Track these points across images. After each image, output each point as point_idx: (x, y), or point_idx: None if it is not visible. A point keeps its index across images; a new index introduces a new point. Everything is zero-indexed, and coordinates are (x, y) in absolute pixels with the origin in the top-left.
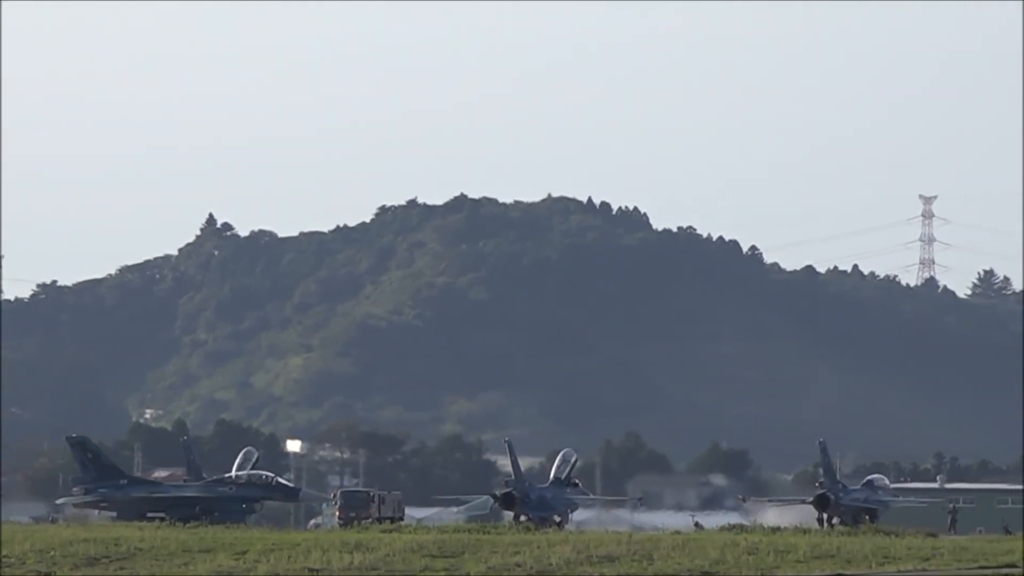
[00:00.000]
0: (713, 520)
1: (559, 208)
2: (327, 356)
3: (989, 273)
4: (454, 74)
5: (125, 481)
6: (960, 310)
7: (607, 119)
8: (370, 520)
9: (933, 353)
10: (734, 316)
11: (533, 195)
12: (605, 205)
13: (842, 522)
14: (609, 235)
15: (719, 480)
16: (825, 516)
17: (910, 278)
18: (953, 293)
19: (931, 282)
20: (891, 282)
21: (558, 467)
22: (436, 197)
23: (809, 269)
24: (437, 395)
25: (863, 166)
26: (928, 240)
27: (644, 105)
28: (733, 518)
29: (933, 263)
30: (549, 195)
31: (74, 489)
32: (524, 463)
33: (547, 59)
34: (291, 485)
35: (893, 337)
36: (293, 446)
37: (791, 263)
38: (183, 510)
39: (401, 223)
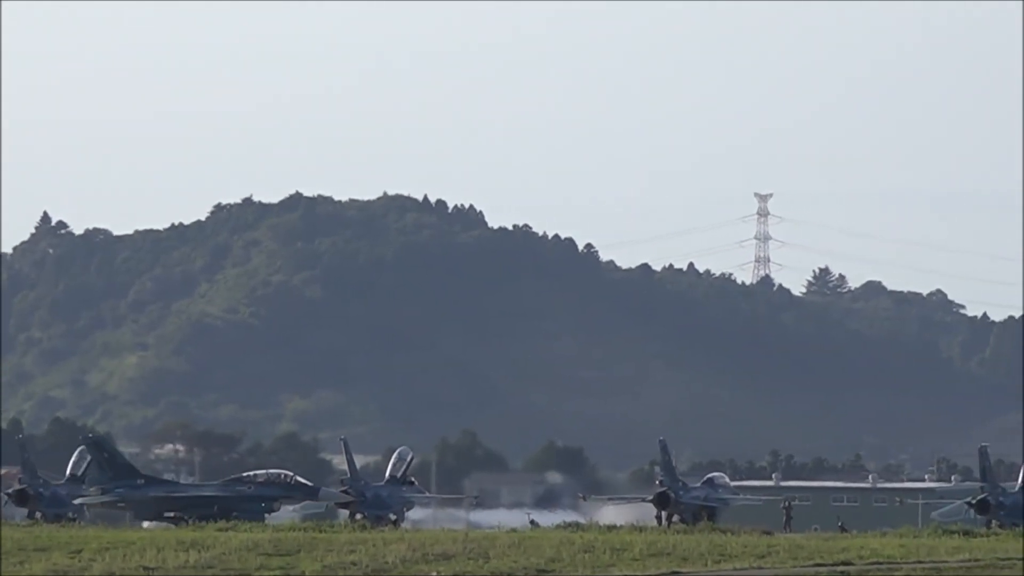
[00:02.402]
0: (549, 518)
1: (394, 206)
2: (162, 354)
3: (824, 271)
4: (288, 72)
5: (142, 481)
6: (795, 308)
7: (441, 117)
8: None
9: (769, 351)
10: (570, 314)
11: (368, 193)
12: (441, 203)
13: (682, 520)
14: (445, 233)
15: (555, 478)
16: (664, 514)
17: (745, 276)
18: (788, 291)
19: (766, 280)
20: (727, 280)
21: (394, 465)
22: (271, 195)
23: (645, 267)
24: (273, 393)
25: (698, 163)
26: (763, 238)
27: (479, 103)
28: (569, 516)
29: (768, 261)
30: (384, 193)
31: (91, 489)
32: (360, 461)
33: (382, 57)
34: (310, 484)
35: (729, 335)
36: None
37: (627, 261)
38: (201, 510)
39: (236, 221)
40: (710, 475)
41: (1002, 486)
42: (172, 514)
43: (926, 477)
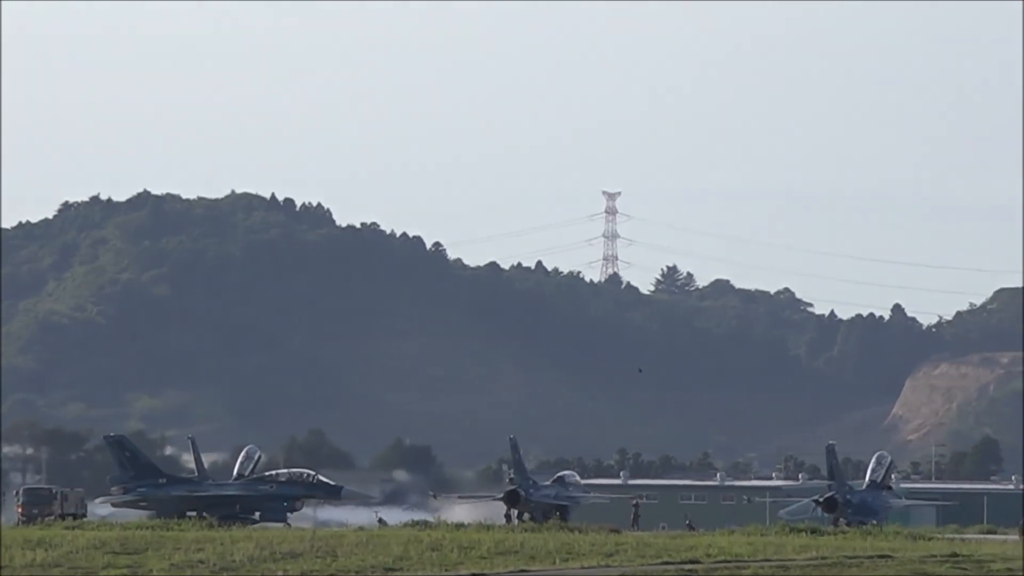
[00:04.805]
0: (397, 516)
1: (242, 204)
2: (9, 353)
3: (672, 269)
4: (135, 71)
5: (164, 480)
6: (643, 306)
7: (288, 114)
8: (53, 517)
9: (617, 349)
10: (418, 312)
11: (216, 191)
12: (288, 201)
13: (532, 518)
14: (293, 231)
15: (402, 476)
16: (515, 512)
17: (594, 274)
18: (636, 289)
19: (614, 278)
20: (575, 278)
21: (241, 464)
22: (119, 193)
23: (493, 265)
24: (120, 392)
25: (546, 161)
26: (611, 236)
27: (326, 100)
28: (417, 514)
29: (616, 259)
30: (232, 191)
31: (113, 488)
32: (207, 460)
33: (228, 56)
34: (332, 483)
35: (577, 334)
36: None
37: (475, 259)
38: (223, 509)
39: (84, 220)
40: (560, 473)
41: (849, 484)
42: (194, 513)
43: (773, 475)
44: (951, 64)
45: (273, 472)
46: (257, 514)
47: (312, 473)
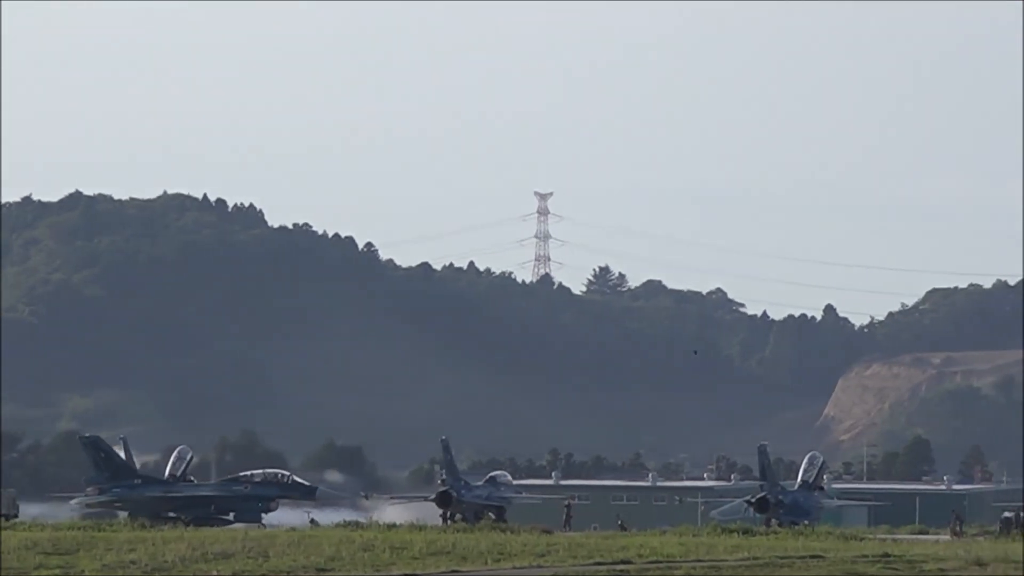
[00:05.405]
0: (328, 517)
1: (174, 205)
2: None
3: (604, 270)
4: (65, 71)
5: (139, 481)
6: (575, 307)
7: (221, 116)
8: None
9: (549, 350)
10: (350, 313)
11: (148, 192)
12: (221, 202)
13: (464, 519)
14: (225, 232)
15: (334, 477)
16: (448, 513)
17: (525, 275)
18: (568, 290)
19: (546, 279)
20: (506, 279)
21: (173, 464)
22: (51, 194)
23: (425, 266)
24: (52, 392)
25: (479, 161)
26: (543, 237)
27: (258, 101)
28: (348, 515)
29: (548, 260)
30: (165, 192)
31: (88, 489)
32: (139, 460)
33: (160, 56)
34: (307, 484)
35: (509, 334)
36: None
37: (407, 260)
38: (198, 510)
39: (16, 220)
40: (492, 474)
41: (781, 484)
42: (170, 514)
43: (705, 476)
44: (880, 63)
45: (248, 473)
46: (232, 515)
47: (287, 474)
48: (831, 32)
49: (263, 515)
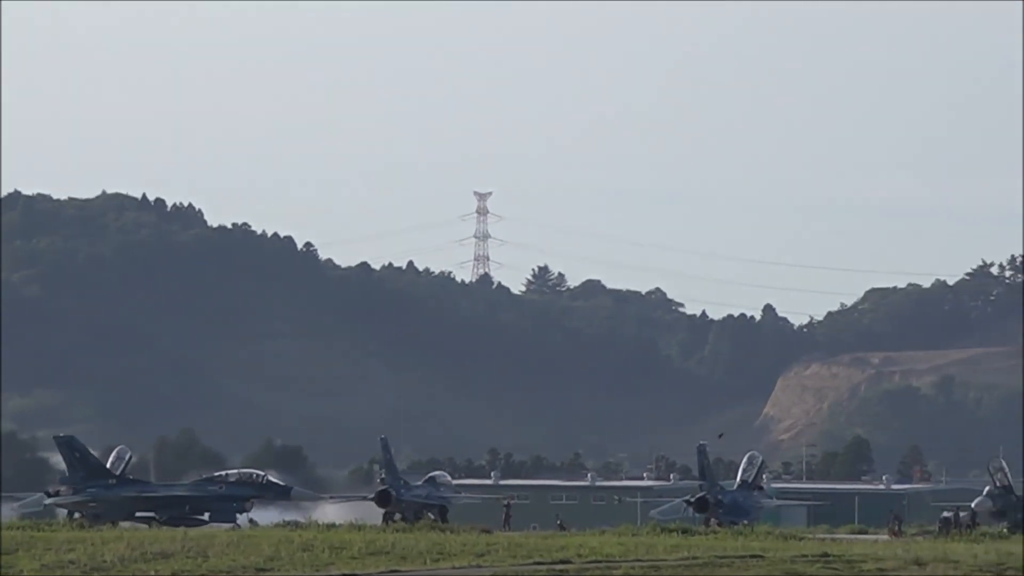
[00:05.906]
0: (267, 517)
1: (113, 205)
2: None
3: (543, 269)
4: (7, 69)
5: (113, 480)
6: (514, 306)
7: (159, 116)
8: None
9: (488, 350)
10: (289, 313)
11: (87, 192)
12: (160, 202)
13: (403, 518)
14: (164, 232)
15: (274, 477)
16: (388, 512)
17: (465, 275)
18: (508, 289)
19: (485, 278)
20: (446, 279)
21: (112, 464)
22: None
23: (364, 266)
24: None
25: (418, 160)
26: (483, 236)
27: (197, 101)
28: (288, 515)
29: (488, 259)
30: (103, 192)
31: (62, 489)
32: None
33: (101, 56)
34: (283, 484)
35: (448, 334)
36: None
37: (346, 259)
38: (172, 510)
39: None
40: (432, 473)
41: (721, 484)
42: (144, 514)
43: (645, 475)
44: (817, 63)
45: (223, 472)
46: (207, 515)
47: (262, 474)
48: (769, 31)
49: (238, 515)
